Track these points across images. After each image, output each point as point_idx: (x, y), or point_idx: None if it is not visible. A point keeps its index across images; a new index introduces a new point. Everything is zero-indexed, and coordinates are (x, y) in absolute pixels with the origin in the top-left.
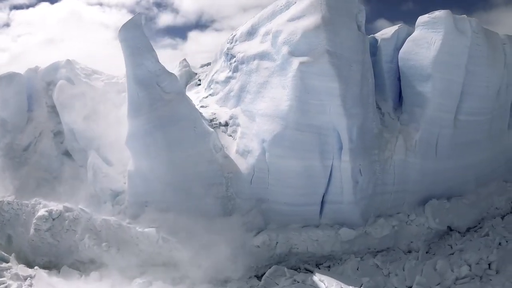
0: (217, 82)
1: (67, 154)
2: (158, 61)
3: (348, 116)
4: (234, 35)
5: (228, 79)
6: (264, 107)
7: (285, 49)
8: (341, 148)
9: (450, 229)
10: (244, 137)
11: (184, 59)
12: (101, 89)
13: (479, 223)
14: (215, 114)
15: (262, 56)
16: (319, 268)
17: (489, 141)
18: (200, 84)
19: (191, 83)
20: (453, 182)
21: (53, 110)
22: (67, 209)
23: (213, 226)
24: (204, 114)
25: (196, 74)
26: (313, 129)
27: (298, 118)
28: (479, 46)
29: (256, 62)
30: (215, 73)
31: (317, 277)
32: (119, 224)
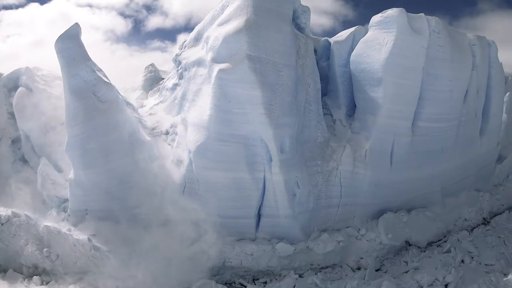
0: (166, 89)
1: (24, 160)
2: (94, 71)
3: (274, 125)
4: (185, 41)
5: (174, 86)
6: (193, 117)
7: (209, 56)
8: (271, 160)
9: (409, 244)
10: (179, 146)
11: (151, 64)
12: (58, 96)
13: (445, 237)
14: (158, 122)
15: (199, 63)
16: (254, 284)
17: (457, 149)
18: None
19: (155, 88)
20: (415, 194)
21: (12, 116)
22: (15, 215)
23: (148, 236)
24: (148, 122)
25: (163, 79)
26: (238, 139)
27: (220, 128)
28: (441, 47)
29: (194, 69)
30: (167, 80)
31: None
32: (59, 231)
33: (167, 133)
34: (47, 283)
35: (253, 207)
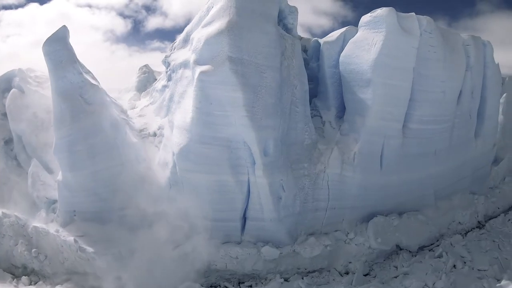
0: (156, 91)
1: (16, 161)
2: (81, 73)
3: (257, 128)
4: (174, 42)
5: (163, 88)
6: (178, 119)
7: (192, 58)
8: (255, 163)
9: (399, 248)
10: (165, 148)
11: (145, 65)
12: (51, 97)
13: (437, 241)
14: (147, 124)
15: (185, 64)
16: (240, 287)
17: (451, 151)
18: None
19: (148, 89)
20: (407, 197)
21: (5, 117)
22: (5, 215)
23: (134, 237)
24: (137, 124)
25: (157, 79)
26: (220, 142)
27: (201, 130)
28: (433, 47)
29: (181, 71)
30: (157, 81)
31: None
32: (47, 232)
33: (154, 135)
34: (35, 283)
35: (238, 210)
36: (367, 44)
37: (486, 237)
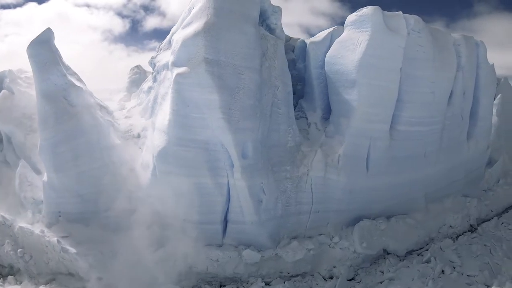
0: (143, 92)
1: (5, 161)
2: (65, 75)
3: (234, 130)
4: (161, 43)
5: (149, 89)
6: (158, 121)
7: (171, 60)
8: (233, 165)
9: (387, 252)
10: (147, 150)
11: (137, 66)
12: None
13: (427, 245)
14: (132, 125)
15: (168, 66)
16: None
17: (442, 153)
18: None
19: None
20: (395, 200)
21: None
22: None
23: (117, 239)
24: (122, 125)
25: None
26: (198, 144)
27: (179, 133)
28: (422, 46)
29: (164, 72)
30: (145, 82)
31: None
32: (32, 232)
33: (138, 136)
34: (20, 283)
35: (218, 212)
36: (352, 44)
37: (477, 241)
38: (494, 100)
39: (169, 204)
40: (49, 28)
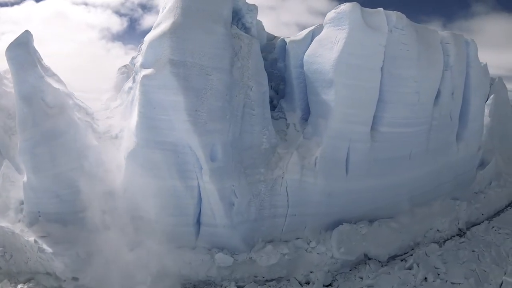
0: (125, 92)
1: None
2: (43, 77)
3: (201, 132)
4: (141, 44)
5: (129, 90)
6: (131, 122)
7: (139, 61)
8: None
9: (368, 257)
10: (123, 151)
11: (125, 66)
12: None
13: (412, 249)
14: (111, 126)
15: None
16: None
17: (428, 155)
18: None
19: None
20: (378, 203)
21: None
22: None
23: (92, 239)
24: (102, 126)
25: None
26: (166, 146)
27: (146, 135)
28: (405, 44)
29: (139, 73)
30: (126, 83)
31: None
32: (12, 232)
33: (117, 137)
34: (0, 281)
35: (190, 215)
36: (330, 43)
37: (465, 246)
38: (487, 100)
39: (141, 206)
40: (27, 31)
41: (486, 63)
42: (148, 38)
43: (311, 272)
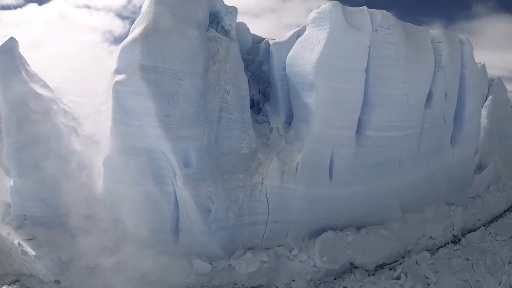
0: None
1: None
2: (27, 83)
3: (172, 138)
4: None
5: None
6: (106, 128)
7: (114, 66)
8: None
9: (354, 266)
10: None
11: None
12: None
13: (403, 257)
14: (97, 130)
15: None
16: None
17: (420, 159)
18: None
19: None
20: (366, 210)
21: None
22: None
23: (75, 243)
24: (87, 130)
25: None
26: (140, 152)
27: (120, 141)
28: (393, 44)
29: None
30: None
31: None
32: None
33: (101, 141)
34: None
35: (167, 220)
36: (311, 44)
37: (459, 254)
38: (485, 101)
39: (120, 211)
40: (12, 37)
41: (484, 63)
42: (122, 43)
43: (292, 280)
